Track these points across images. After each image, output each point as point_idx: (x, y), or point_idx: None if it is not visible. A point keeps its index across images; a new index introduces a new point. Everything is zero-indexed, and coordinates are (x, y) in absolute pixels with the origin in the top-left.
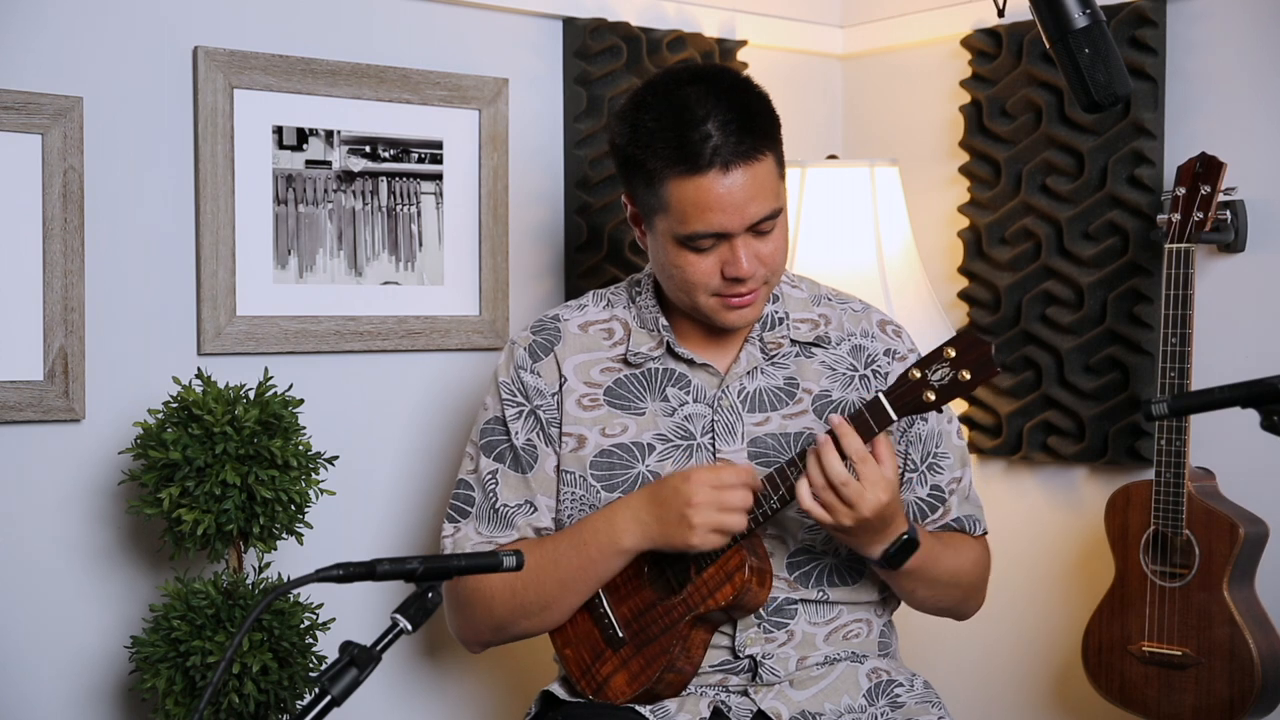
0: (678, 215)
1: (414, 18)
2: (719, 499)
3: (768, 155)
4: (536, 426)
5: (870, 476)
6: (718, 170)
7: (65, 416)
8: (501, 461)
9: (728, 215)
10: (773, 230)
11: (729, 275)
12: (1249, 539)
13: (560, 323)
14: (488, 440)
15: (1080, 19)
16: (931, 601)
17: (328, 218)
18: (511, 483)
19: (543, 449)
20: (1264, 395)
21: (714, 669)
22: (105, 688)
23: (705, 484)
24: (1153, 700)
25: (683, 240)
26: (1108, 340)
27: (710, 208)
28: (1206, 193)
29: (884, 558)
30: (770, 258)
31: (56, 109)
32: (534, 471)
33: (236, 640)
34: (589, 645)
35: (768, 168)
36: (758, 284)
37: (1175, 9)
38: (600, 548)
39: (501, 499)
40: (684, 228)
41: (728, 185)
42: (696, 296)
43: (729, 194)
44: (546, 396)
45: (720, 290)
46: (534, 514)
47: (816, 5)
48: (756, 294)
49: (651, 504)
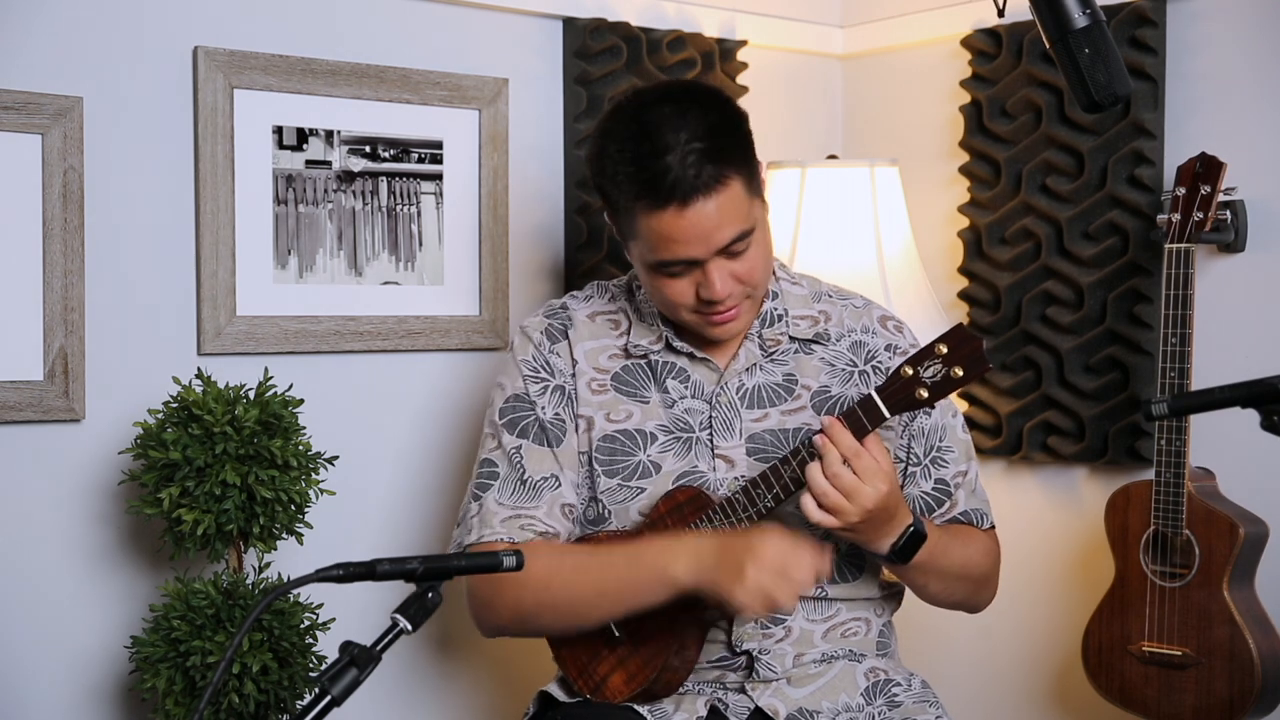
0: (647, 244)
1: (414, 18)
2: (784, 564)
3: (733, 179)
4: (564, 401)
5: (868, 469)
6: (677, 205)
7: (65, 416)
8: (525, 436)
9: (693, 246)
10: (747, 249)
11: (703, 297)
12: (1249, 539)
13: (569, 310)
14: (510, 418)
15: (1080, 19)
16: (944, 595)
17: (328, 218)
18: (537, 456)
19: (569, 424)
20: (1264, 395)
21: (711, 665)
22: (105, 688)
23: (778, 546)
24: (1153, 700)
25: (654, 267)
26: (1108, 340)
27: (675, 239)
28: (1206, 193)
29: (893, 551)
30: (747, 275)
31: (56, 109)
32: (562, 446)
33: (236, 640)
34: (586, 645)
35: (734, 192)
36: (736, 301)
37: (1175, 9)
38: (652, 568)
39: (529, 471)
40: (654, 255)
41: (690, 217)
42: (679, 315)
43: (692, 226)
44: (567, 376)
45: (698, 309)
46: (559, 488)
47: (816, 5)
48: (738, 309)
49: (718, 544)
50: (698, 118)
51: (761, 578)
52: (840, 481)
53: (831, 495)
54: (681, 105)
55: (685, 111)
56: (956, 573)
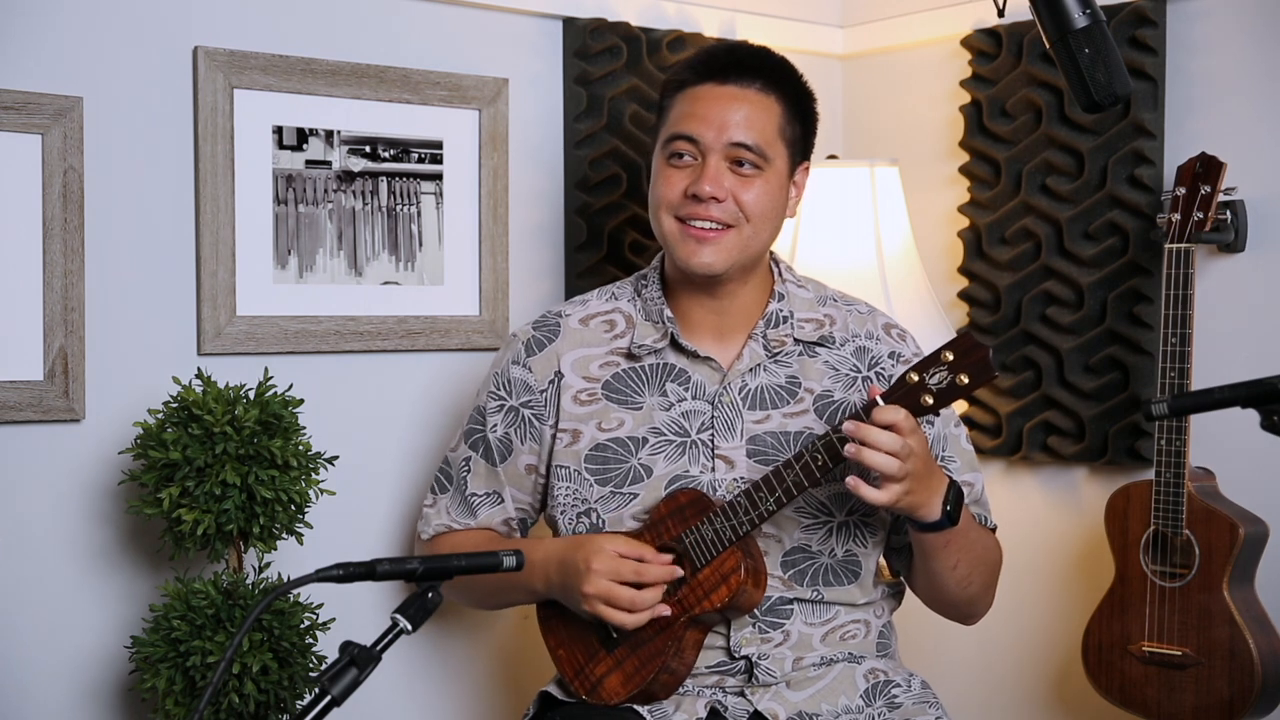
0: (670, 121)
1: (414, 18)
2: (610, 594)
3: (771, 96)
4: (516, 422)
5: (905, 426)
6: (717, 80)
7: (65, 416)
8: (475, 450)
9: (706, 124)
10: (754, 177)
11: (689, 191)
12: (1249, 539)
13: (562, 318)
14: (469, 428)
15: (1080, 19)
16: (966, 582)
17: (328, 218)
18: (481, 472)
19: (518, 445)
20: (1264, 395)
21: (710, 670)
22: (105, 688)
23: (603, 575)
24: (1153, 700)
25: (665, 145)
26: (1108, 340)
27: (696, 113)
28: (1206, 193)
29: (944, 514)
30: (744, 198)
31: (56, 109)
32: (505, 465)
33: (236, 640)
34: (583, 645)
35: (767, 106)
36: (721, 218)
37: (1175, 9)
38: (517, 578)
39: (470, 487)
40: (670, 129)
41: (717, 94)
42: (662, 218)
43: (715, 102)
44: (535, 392)
45: (682, 211)
46: (499, 505)
47: (816, 5)
48: (719, 235)
49: (559, 566)
50: (770, 54)
51: (592, 607)
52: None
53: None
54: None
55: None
56: (979, 554)
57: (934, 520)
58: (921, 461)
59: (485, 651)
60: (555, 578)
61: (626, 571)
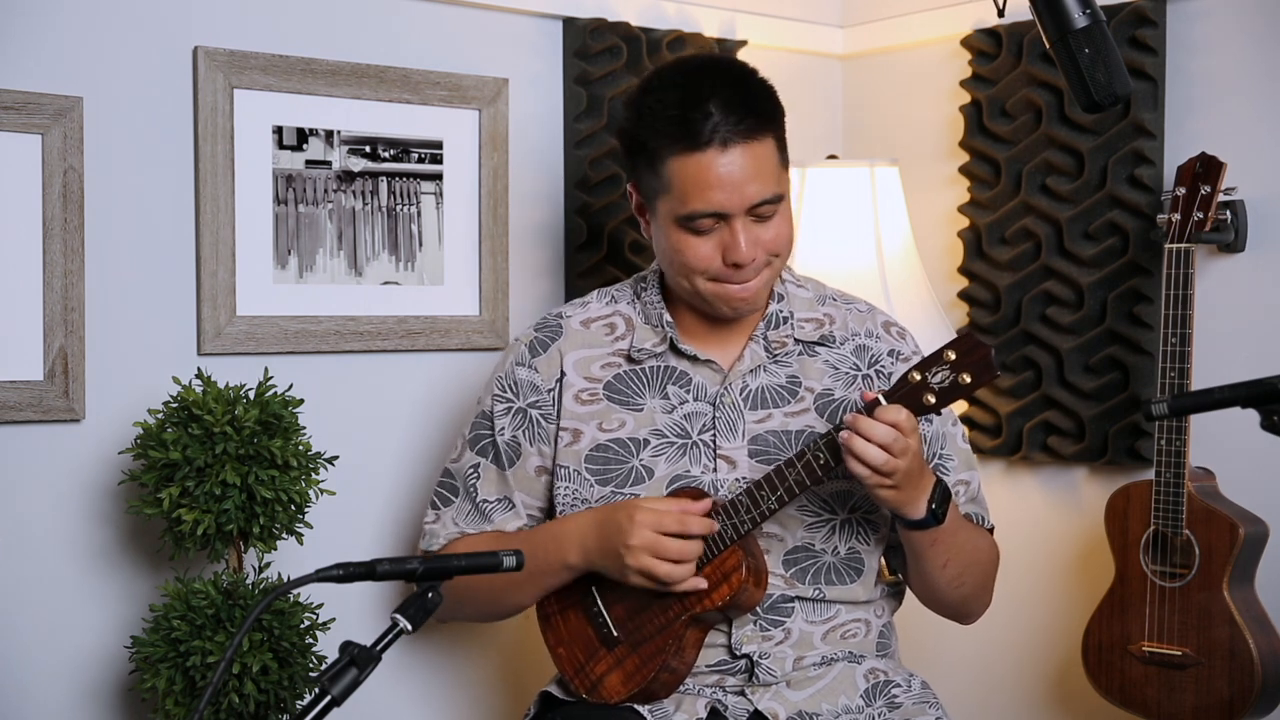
0: (678, 195)
1: (414, 18)
2: (654, 545)
3: (768, 137)
4: (524, 424)
5: (904, 424)
6: (717, 147)
7: (65, 416)
8: (484, 456)
9: (726, 194)
10: (774, 216)
11: (729, 260)
12: (1249, 539)
13: (563, 319)
14: (475, 434)
15: (1080, 19)
16: (957, 583)
17: (328, 218)
18: (492, 478)
19: (527, 448)
20: (1264, 395)
21: (710, 669)
22: (105, 688)
23: (647, 527)
24: (1153, 700)
25: (683, 221)
26: (1108, 340)
27: (709, 185)
28: (1206, 193)
29: (929, 513)
30: (771, 243)
31: (56, 109)
32: (514, 468)
33: (236, 640)
34: (583, 644)
35: (768, 150)
36: (758, 269)
37: (1175, 9)
38: (548, 561)
39: (481, 494)
40: (684, 207)
41: (726, 163)
42: (696, 281)
43: (728, 172)
44: (542, 392)
45: (719, 275)
46: (511, 510)
47: (816, 5)
48: (758, 280)
49: (597, 529)
50: (738, 78)
51: (638, 561)
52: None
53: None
54: (721, 66)
55: (726, 70)
56: (970, 555)
57: (919, 519)
58: (915, 460)
59: (485, 651)
60: (593, 542)
61: (670, 522)
